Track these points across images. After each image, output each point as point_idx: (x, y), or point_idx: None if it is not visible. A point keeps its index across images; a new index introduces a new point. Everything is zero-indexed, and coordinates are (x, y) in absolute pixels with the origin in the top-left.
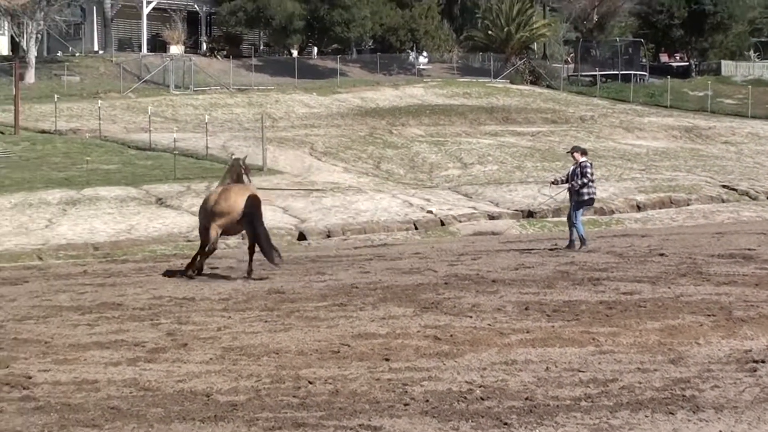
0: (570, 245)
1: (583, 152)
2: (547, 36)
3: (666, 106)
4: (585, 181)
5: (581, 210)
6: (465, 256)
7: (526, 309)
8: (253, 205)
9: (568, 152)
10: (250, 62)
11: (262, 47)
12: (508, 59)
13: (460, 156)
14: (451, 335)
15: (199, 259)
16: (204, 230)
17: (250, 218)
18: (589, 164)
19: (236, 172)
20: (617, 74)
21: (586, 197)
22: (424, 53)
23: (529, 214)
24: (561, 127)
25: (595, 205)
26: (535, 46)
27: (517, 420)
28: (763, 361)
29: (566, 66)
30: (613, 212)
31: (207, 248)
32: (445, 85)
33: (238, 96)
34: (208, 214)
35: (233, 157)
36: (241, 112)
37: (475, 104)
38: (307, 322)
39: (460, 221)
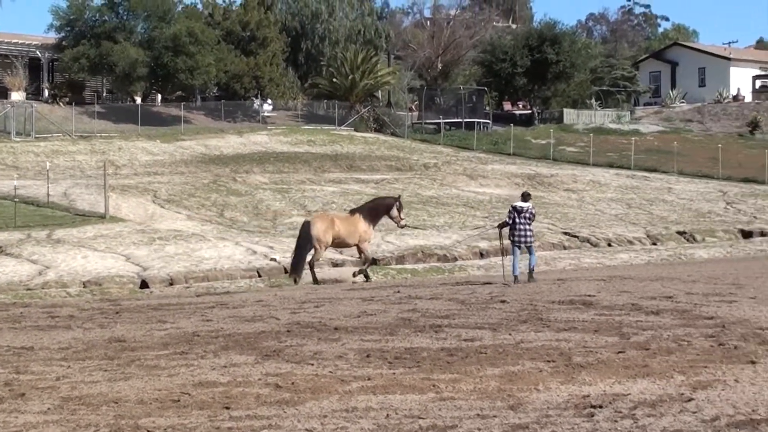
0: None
1: (522, 197)
2: (391, 84)
3: (509, 154)
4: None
5: (514, 249)
6: (308, 303)
7: (368, 356)
8: (302, 229)
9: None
10: (93, 109)
11: (105, 94)
12: (352, 107)
13: (304, 203)
14: (293, 383)
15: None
16: None
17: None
18: (510, 207)
19: (377, 204)
20: (461, 122)
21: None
22: (269, 100)
23: (373, 262)
24: (405, 174)
25: (438, 252)
26: (379, 93)
27: None
28: (600, 407)
29: (410, 114)
30: (456, 259)
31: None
32: (289, 133)
33: (80, 143)
34: None
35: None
36: (84, 160)
37: (319, 152)
38: (147, 370)
39: (304, 269)
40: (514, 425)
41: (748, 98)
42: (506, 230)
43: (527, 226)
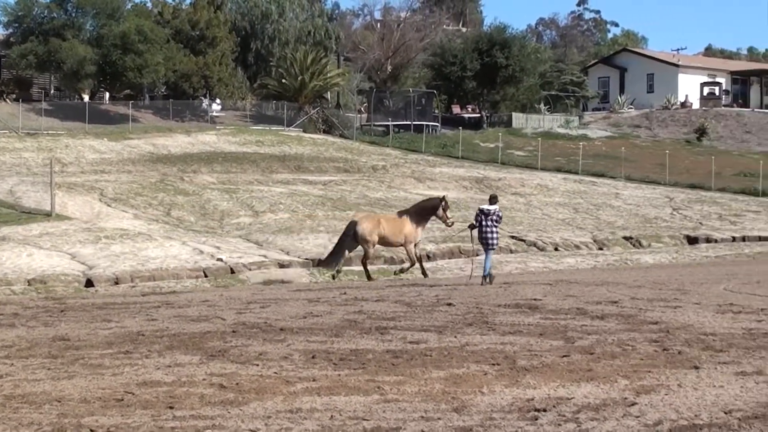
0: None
1: (489, 200)
2: (340, 85)
3: (457, 157)
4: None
5: (485, 250)
6: (254, 304)
7: (313, 357)
8: (348, 226)
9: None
10: (40, 106)
11: (52, 91)
12: (301, 108)
13: (252, 204)
14: (237, 383)
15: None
16: None
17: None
18: (478, 210)
19: (423, 206)
20: (410, 125)
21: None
22: (218, 100)
23: (320, 263)
24: (353, 176)
25: (386, 254)
26: (328, 95)
27: None
28: (544, 410)
29: (359, 115)
30: (403, 261)
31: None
32: (237, 133)
33: (27, 140)
34: None
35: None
36: (30, 157)
37: (267, 152)
38: (91, 369)
39: (250, 269)
40: (459, 428)
41: (696, 105)
42: (476, 232)
43: (493, 229)
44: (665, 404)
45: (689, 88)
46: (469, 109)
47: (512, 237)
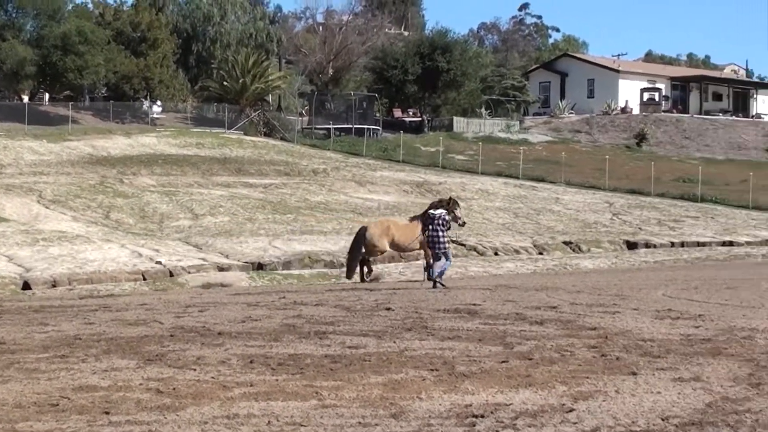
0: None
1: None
2: (282, 88)
3: (398, 161)
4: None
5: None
6: (192, 307)
7: (251, 362)
8: (357, 233)
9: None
10: None
11: None
12: (242, 110)
13: (192, 207)
14: (174, 388)
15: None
16: None
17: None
18: (426, 215)
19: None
20: (351, 128)
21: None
22: (158, 102)
23: (259, 267)
24: (294, 179)
25: (326, 258)
26: (270, 97)
27: None
28: (482, 416)
29: (301, 119)
30: (343, 265)
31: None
32: (178, 135)
33: None
34: None
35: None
36: None
37: (208, 155)
38: (26, 374)
39: (190, 272)
40: None
41: (636, 110)
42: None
43: (439, 233)
44: (603, 410)
45: (629, 93)
46: (411, 113)
47: (452, 241)
